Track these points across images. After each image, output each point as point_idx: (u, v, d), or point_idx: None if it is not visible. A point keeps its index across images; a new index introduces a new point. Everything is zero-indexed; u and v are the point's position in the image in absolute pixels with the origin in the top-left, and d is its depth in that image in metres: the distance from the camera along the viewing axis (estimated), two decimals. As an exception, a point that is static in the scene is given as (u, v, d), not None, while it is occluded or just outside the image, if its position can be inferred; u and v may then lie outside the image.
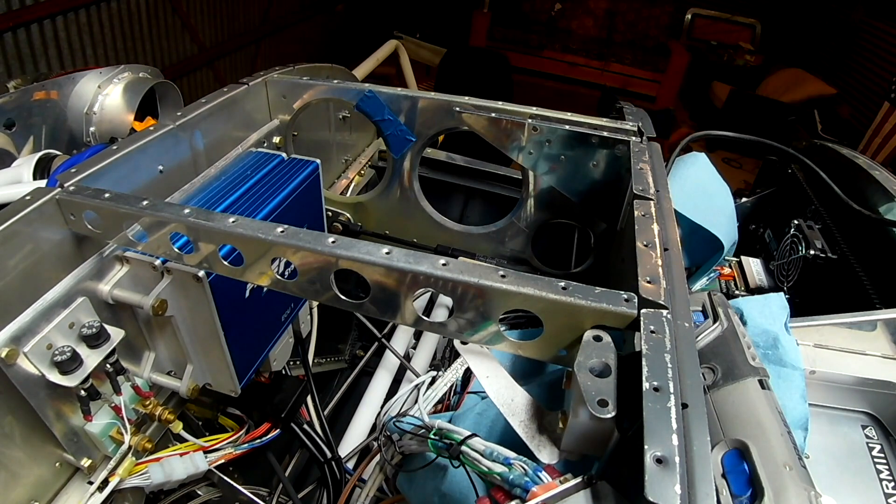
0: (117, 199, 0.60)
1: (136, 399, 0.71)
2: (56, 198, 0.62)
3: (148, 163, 0.75)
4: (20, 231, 0.59)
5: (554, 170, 0.88)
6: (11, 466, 0.62)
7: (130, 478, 0.71)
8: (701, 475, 0.37)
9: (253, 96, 0.95)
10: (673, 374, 0.42)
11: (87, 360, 0.61)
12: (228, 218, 0.55)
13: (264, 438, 0.84)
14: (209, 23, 4.81)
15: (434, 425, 0.60)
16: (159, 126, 0.77)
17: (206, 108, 0.84)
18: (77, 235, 0.65)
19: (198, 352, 0.73)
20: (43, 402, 0.61)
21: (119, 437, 0.68)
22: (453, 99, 0.89)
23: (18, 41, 3.35)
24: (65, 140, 1.24)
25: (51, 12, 3.42)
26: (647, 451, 0.37)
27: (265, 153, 0.91)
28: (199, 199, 0.77)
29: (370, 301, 0.54)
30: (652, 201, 0.64)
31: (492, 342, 0.54)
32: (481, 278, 0.49)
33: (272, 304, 0.83)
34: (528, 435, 0.52)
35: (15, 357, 0.56)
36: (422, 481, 0.67)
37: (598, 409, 0.42)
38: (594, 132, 0.81)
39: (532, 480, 0.46)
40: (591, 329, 0.49)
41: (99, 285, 0.66)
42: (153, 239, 0.60)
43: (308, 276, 0.55)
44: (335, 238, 0.53)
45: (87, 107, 1.24)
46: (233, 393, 0.77)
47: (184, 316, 0.69)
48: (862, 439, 0.72)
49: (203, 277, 0.64)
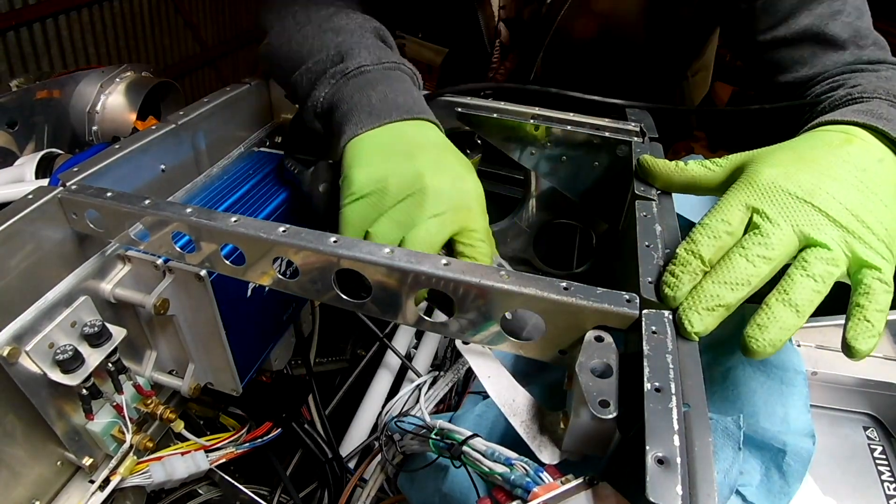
0: (119, 199, 0.60)
1: (138, 398, 0.71)
2: (58, 197, 0.62)
3: (150, 162, 0.75)
4: (22, 230, 0.59)
5: (555, 170, 0.88)
6: (13, 465, 0.62)
7: (132, 477, 0.71)
8: (703, 476, 0.36)
9: (255, 96, 0.95)
10: (675, 374, 0.42)
11: (88, 359, 0.61)
12: (230, 217, 0.55)
13: (265, 438, 0.84)
14: (212, 22, 4.80)
15: (435, 425, 0.59)
16: (161, 125, 0.77)
17: (208, 107, 0.84)
18: (79, 234, 0.65)
19: (199, 351, 0.73)
20: (44, 400, 0.61)
21: (120, 435, 0.68)
22: (454, 98, 0.89)
23: (21, 40, 3.35)
24: (67, 139, 1.24)
25: (53, 11, 3.42)
26: (649, 451, 0.37)
27: (267, 153, 0.92)
28: (201, 199, 0.77)
29: (372, 301, 0.54)
30: (654, 202, 0.64)
31: (493, 342, 0.54)
32: (483, 278, 0.48)
33: (274, 304, 0.83)
34: (529, 435, 0.51)
35: (17, 356, 0.56)
36: (423, 481, 0.67)
37: (600, 409, 0.42)
38: (596, 132, 0.81)
39: (533, 481, 0.46)
40: (592, 329, 0.49)
41: (101, 284, 0.66)
42: (155, 238, 0.60)
43: (310, 275, 0.55)
44: (337, 238, 0.53)
45: (90, 106, 1.24)
46: (234, 392, 0.77)
47: (186, 315, 0.69)
48: (863, 440, 0.72)
49: (205, 277, 0.64)
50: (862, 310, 0.49)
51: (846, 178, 0.55)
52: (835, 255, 0.50)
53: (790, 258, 0.51)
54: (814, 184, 0.54)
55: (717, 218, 0.53)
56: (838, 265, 0.50)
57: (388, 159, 0.63)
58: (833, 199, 0.53)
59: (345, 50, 0.75)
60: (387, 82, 0.71)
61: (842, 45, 0.85)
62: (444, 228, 0.60)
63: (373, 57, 0.74)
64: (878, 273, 0.50)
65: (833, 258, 0.50)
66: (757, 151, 0.61)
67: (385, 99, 0.69)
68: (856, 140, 0.61)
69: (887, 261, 0.51)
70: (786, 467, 0.53)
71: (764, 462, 0.55)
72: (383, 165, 0.62)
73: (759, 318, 0.48)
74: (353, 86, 0.71)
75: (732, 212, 0.53)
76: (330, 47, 0.76)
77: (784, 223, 0.51)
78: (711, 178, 0.63)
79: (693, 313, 0.48)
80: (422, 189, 0.60)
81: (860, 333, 0.48)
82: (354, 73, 0.72)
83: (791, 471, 0.53)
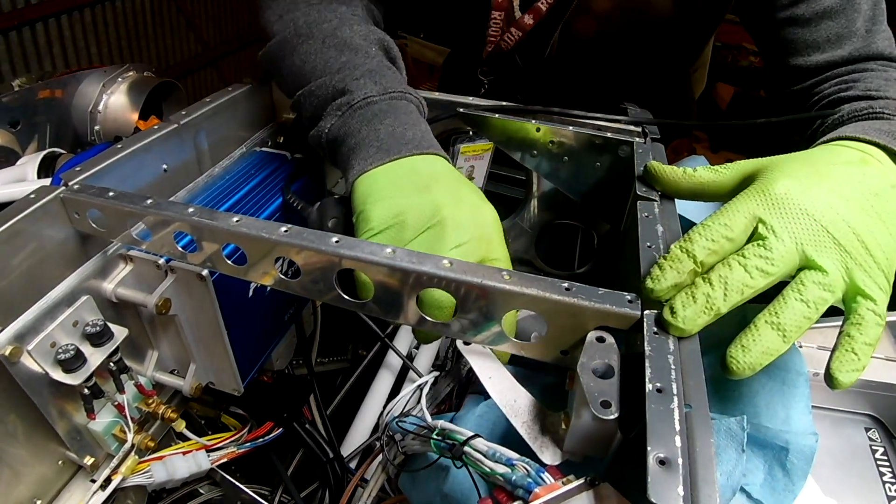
0: (122, 198, 0.60)
1: (140, 398, 0.71)
2: (60, 196, 0.62)
3: (152, 162, 0.75)
4: (24, 229, 0.59)
5: (557, 170, 0.88)
6: (14, 464, 0.62)
7: (133, 476, 0.71)
8: (704, 477, 0.36)
9: (257, 95, 0.95)
10: (676, 375, 0.42)
11: (90, 359, 0.61)
12: (232, 217, 0.56)
13: (266, 437, 0.84)
14: (213, 22, 4.81)
15: (437, 426, 0.59)
16: (164, 125, 0.77)
17: (210, 107, 0.84)
18: (81, 234, 0.65)
19: (201, 350, 0.73)
20: (46, 400, 0.61)
21: (122, 435, 0.68)
22: (456, 99, 0.89)
23: (23, 39, 3.36)
24: (69, 139, 1.24)
25: (55, 11, 3.43)
26: (650, 452, 0.37)
27: (269, 153, 0.92)
28: (203, 199, 0.77)
29: (373, 301, 0.54)
30: (655, 202, 0.64)
31: (494, 343, 0.54)
32: (485, 279, 0.48)
33: (275, 304, 0.83)
34: (530, 436, 0.51)
35: (18, 355, 0.56)
36: (424, 481, 0.67)
37: (601, 410, 0.42)
38: (598, 133, 0.81)
39: (535, 481, 0.46)
40: (594, 330, 0.49)
41: (103, 284, 0.66)
42: (157, 238, 0.60)
43: (311, 275, 0.55)
44: (339, 238, 0.53)
45: (92, 105, 1.24)
46: (236, 392, 0.77)
47: (187, 315, 0.69)
48: (865, 441, 0.72)
49: (207, 276, 0.64)
50: (851, 341, 0.49)
51: (858, 201, 0.54)
52: (831, 281, 0.49)
53: (788, 276, 0.51)
54: (826, 202, 0.53)
55: (719, 222, 0.52)
56: (834, 291, 0.50)
57: (403, 193, 0.62)
58: (842, 220, 0.52)
59: (349, 77, 0.73)
60: (394, 115, 0.70)
61: (856, 33, 0.85)
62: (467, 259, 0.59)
63: (378, 87, 0.72)
64: (872, 304, 0.50)
65: (829, 283, 0.49)
66: (771, 160, 0.60)
67: (393, 133, 0.68)
68: (872, 161, 0.60)
69: (883, 291, 0.51)
70: (789, 465, 0.53)
71: (767, 461, 0.55)
72: (400, 199, 0.62)
73: (743, 339, 0.48)
74: (360, 118, 0.70)
75: (737, 218, 0.52)
76: (333, 70, 0.75)
77: (789, 239, 0.50)
78: (721, 185, 0.62)
79: (678, 302, 0.48)
80: (441, 221, 0.60)
81: (844, 365, 0.49)
82: (360, 105, 0.71)
83: (795, 468, 0.53)
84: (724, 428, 0.52)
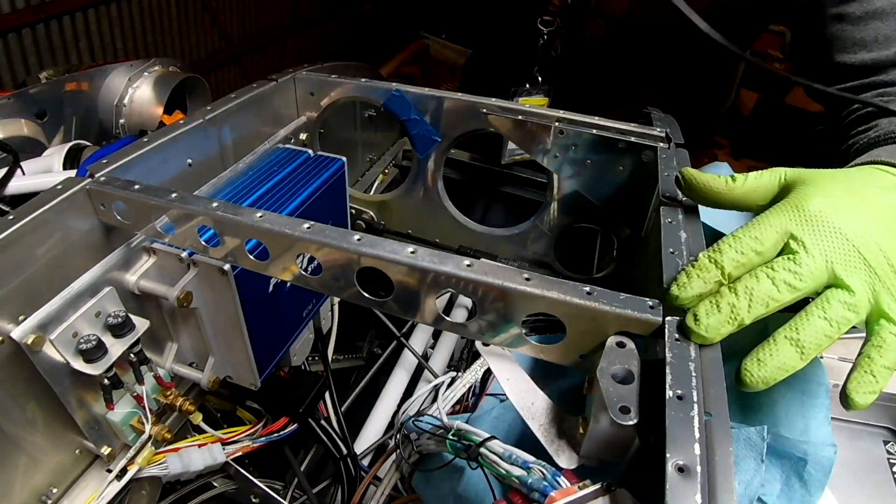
0: (147, 191, 0.60)
1: (158, 389, 0.72)
2: (86, 188, 0.63)
3: (177, 156, 0.76)
4: (50, 220, 0.60)
5: (579, 174, 0.87)
6: (33, 452, 0.62)
7: (149, 467, 0.72)
8: (723, 485, 0.36)
9: (281, 93, 0.96)
10: (697, 382, 0.42)
11: (111, 349, 0.62)
12: (255, 212, 0.56)
13: (281, 433, 0.85)
14: (238, 18, 4.85)
15: (453, 426, 0.60)
16: (189, 120, 0.78)
17: (234, 103, 0.85)
18: (106, 226, 0.66)
19: (220, 344, 0.74)
20: (66, 389, 0.61)
21: (140, 426, 0.69)
22: (479, 100, 0.89)
23: (51, 33, 3.41)
24: (94, 131, 1.25)
25: (82, 5, 3.48)
26: (669, 459, 0.36)
27: (292, 149, 0.92)
28: (227, 193, 0.78)
29: (392, 299, 0.54)
30: (679, 208, 0.64)
31: (513, 345, 0.54)
32: (505, 280, 0.48)
33: (294, 300, 0.83)
34: (547, 439, 0.51)
35: (41, 344, 0.57)
36: (438, 482, 0.67)
37: (620, 415, 0.42)
38: (621, 137, 0.81)
39: (551, 485, 0.46)
40: (614, 335, 0.49)
41: (126, 275, 0.67)
42: (180, 231, 0.60)
43: (332, 272, 0.55)
44: (360, 235, 0.53)
45: (118, 99, 1.25)
46: (252, 386, 0.78)
47: (208, 308, 0.70)
48: (883, 454, 0.71)
49: (228, 271, 0.65)
50: (871, 363, 0.48)
51: (891, 226, 0.53)
52: (857, 301, 0.49)
53: (814, 293, 0.50)
54: (859, 223, 0.52)
55: (750, 235, 0.51)
56: (858, 312, 0.49)
57: None
58: (874, 242, 0.51)
59: None
60: None
61: None
62: None
63: None
64: (894, 328, 0.49)
65: (854, 304, 0.48)
66: (806, 173, 0.58)
67: None
68: None
69: None
70: (807, 476, 0.53)
71: (784, 471, 0.54)
72: None
73: (760, 352, 0.47)
74: None
75: (769, 232, 0.51)
76: None
77: (819, 256, 0.49)
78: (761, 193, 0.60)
79: (702, 310, 0.47)
80: None
81: (862, 387, 0.48)
82: None
83: (812, 479, 0.52)
84: (743, 437, 0.52)
